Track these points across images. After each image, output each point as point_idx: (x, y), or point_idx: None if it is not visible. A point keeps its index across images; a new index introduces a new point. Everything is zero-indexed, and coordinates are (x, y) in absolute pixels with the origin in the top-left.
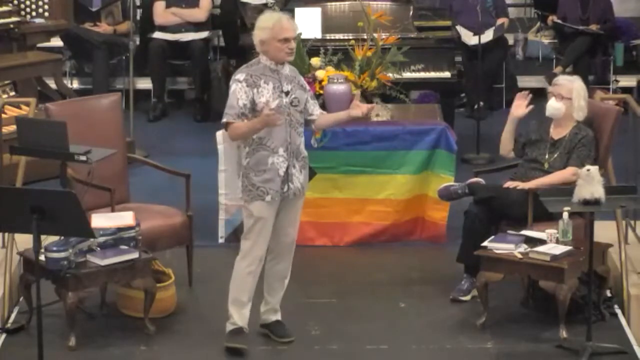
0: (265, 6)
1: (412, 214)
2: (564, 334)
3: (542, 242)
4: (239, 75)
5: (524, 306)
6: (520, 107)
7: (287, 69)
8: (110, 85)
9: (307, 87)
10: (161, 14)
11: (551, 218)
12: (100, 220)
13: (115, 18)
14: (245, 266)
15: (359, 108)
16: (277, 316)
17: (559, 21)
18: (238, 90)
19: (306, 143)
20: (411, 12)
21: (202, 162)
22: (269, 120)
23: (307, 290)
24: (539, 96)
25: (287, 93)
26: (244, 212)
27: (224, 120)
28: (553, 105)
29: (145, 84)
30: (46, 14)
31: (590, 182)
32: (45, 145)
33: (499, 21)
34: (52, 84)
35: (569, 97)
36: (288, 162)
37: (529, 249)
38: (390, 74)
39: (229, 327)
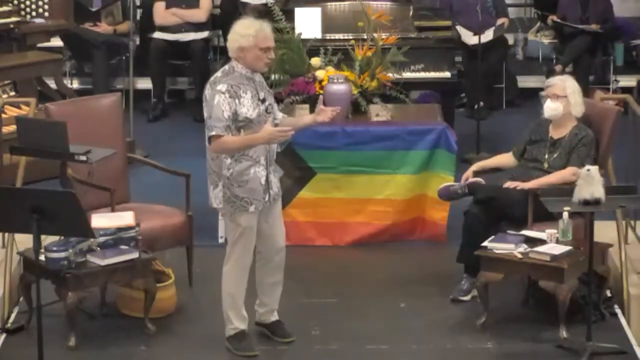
0: (265, 6)
1: (412, 214)
2: (564, 334)
3: (542, 242)
4: (220, 86)
5: (524, 306)
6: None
7: (258, 75)
8: (110, 85)
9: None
10: (161, 14)
11: (551, 218)
12: (100, 220)
13: (115, 18)
14: (235, 275)
15: (325, 113)
16: (275, 316)
17: (559, 20)
18: (222, 102)
19: None
20: (411, 12)
21: (202, 162)
22: (277, 136)
23: (307, 290)
24: (539, 96)
25: (263, 100)
26: (227, 223)
27: (213, 133)
28: (550, 107)
29: (145, 84)
30: (46, 14)
31: (590, 182)
32: (45, 145)
33: (499, 21)
34: (52, 84)
35: (564, 95)
36: (267, 171)
37: (529, 249)
38: (390, 74)
39: (231, 332)
